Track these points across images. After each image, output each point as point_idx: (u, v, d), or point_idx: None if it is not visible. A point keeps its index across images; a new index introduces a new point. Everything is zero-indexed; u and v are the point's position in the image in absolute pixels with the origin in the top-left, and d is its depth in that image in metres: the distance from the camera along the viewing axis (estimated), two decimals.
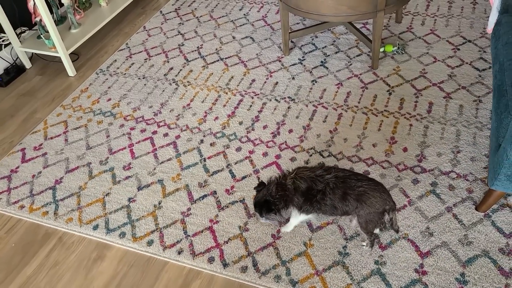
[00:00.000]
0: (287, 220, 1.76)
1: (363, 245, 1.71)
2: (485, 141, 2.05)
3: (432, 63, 2.55)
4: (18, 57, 2.95)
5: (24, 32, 2.98)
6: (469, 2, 3.01)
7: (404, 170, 1.98)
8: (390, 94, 2.38)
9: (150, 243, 1.82)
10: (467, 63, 2.51)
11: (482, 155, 1.99)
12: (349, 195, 1.56)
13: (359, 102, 2.35)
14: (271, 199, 1.60)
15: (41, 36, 2.80)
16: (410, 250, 1.69)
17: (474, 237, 1.70)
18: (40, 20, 2.77)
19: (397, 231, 1.70)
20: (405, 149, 2.07)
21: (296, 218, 1.71)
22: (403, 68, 2.54)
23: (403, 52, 2.64)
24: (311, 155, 2.10)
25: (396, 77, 2.49)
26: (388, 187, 1.91)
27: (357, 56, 2.67)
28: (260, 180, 1.71)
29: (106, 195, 2.03)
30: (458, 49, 2.61)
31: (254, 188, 1.71)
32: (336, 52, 2.72)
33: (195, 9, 3.33)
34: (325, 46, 2.78)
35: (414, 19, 2.91)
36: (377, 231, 1.74)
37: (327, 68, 2.61)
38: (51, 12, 3.01)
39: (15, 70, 2.91)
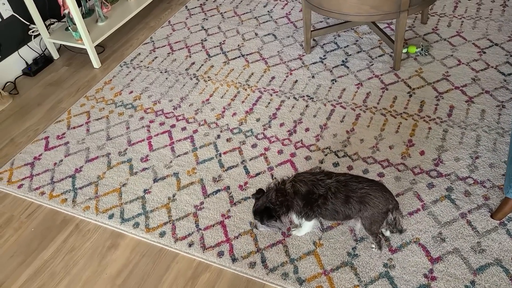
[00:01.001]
0: (290, 226, 1.77)
1: (373, 248, 1.70)
2: (506, 148, 2.01)
3: (456, 65, 2.49)
4: (46, 48, 3.04)
5: (53, 24, 3.07)
6: (498, 4, 2.93)
7: (419, 174, 1.95)
8: (410, 96, 2.35)
9: (162, 234, 1.85)
10: (492, 67, 2.45)
11: (502, 162, 1.95)
12: (351, 198, 1.55)
13: (378, 103, 2.33)
14: (271, 206, 1.59)
15: (69, 28, 2.88)
16: (420, 254, 1.67)
17: (488, 245, 1.67)
18: (69, 12, 2.85)
19: (400, 231, 1.68)
20: (422, 153, 2.04)
21: (309, 224, 1.71)
22: (425, 70, 2.50)
23: (426, 53, 2.59)
24: (326, 155, 2.09)
25: (418, 79, 2.45)
26: (402, 190, 1.89)
27: (379, 56, 2.64)
28: (258, 188, 1.70)
29: (123, 186, 2.08)
30: (484, 52, 2.55)
31: (252, 196, 1.69)
32: (358, 52, 2.69)
33: (220, 4, 3.35)
34: (347, 46, 2.76)
35: (440, 20, 2.86)
36: (387, 233, 1.73)
37: (348, 67, 2.59)
38: (79, 5, 3.08)
39: (43, 61, 3.00)
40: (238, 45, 2.89)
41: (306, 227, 1.74)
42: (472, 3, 2.98)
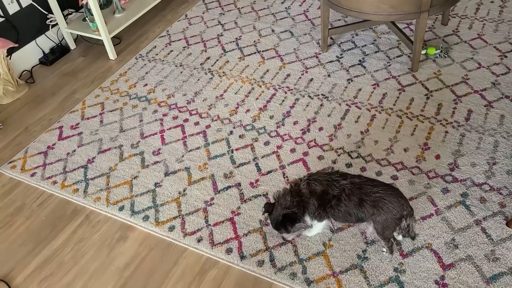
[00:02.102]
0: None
1: (383, 251, 1.68)
2: None
3: (476, 69, 2.44)
4: (63, 38, 3.06)
5: (71, 14, 3.08)
6: None
7: (434, 178, 1.92)
8: (427, 98, 2.31)
9: (171, 228, 1.85)
10: None
11: None
12: (365, 201, 1.53)
13: (394, 105, 2.29)
14: (288, 211, 1.57)
15: (86, 19, 2.89)
16: (432, 260, 1.64)
17: (502, 253, 1.63)
18: (87, 3, 2.85)
19: (413, 238, 1.65)
20: (437, 157, 2.00)
21: (320, 225, 1.69)
22: (444, 73, 2.45)
23: (446, 55, 2.54)
24: (339, 155, 2.07)
25: (436, 81, 2.40)
26: (416, 194, 1.86)
27: (397, 57, 2.59)
28: (265, 203, 1.68)
29: (134, 178, 2.08)
30: (506, 56, 2.49)
31: (264, 212, 1.68)
32: (376, 52, 2.65)
33: (237, 0, 3.33)
34: (365, 45, 2.72)
35: (461, 22, 2.80)
36: (399, 237, 1.70)
37: (364, 67, 2.55)
38: None
39: (60, 50, 3.01)
40: (254, 41, 2.87)
41: (317, 228, 1.72)
42: (494, 5, 2.92)
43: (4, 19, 2.70)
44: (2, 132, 2.46)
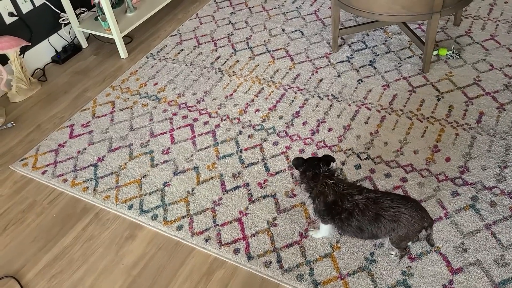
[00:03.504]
0: (308, 227, 1.76)
1: (391, 254, 1.67)
2: None
3: (488, 70, 2.41)
4: (76, 37, 3.08)
5: (83, 13, 3.10)
6: None
7: (444, 181, 1.90)
8: (438, 100, 2.29)
9: (179, 228, 1.86)
10: None
11: None
12: (383, 217, 1.49)
13: (404, 106, 2.28)
14: (306, 167, 1.57)
15: (98, 17, 2.91)
16: (440, 264, 1.63)
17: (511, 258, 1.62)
18: (99, 2, 2.87)
19: (432, 245, 1.63)
20: (448, 159, 1.99)
21: (325, 228, 1.69)
22: (455, 74, 2.42)
23: (457, 57, 2.52)
24: (348, 156, 2.06)
25: (447, 82, 2.38)
26: (425, 197, 1.84)
27: (408, 57, 2.57)
28: (297, 157, 1.64)
29: (143, 177, 2.09)
30: None
31: (294, 164, 1.63)
32: (387, 52, 2.64)
33: None
34: (376, 45, 2.70)
35: (474, 23, 2.77)
36: (409, 243, 1.69)
37: (375, 68, 2.54)
38: None
39: (72, 49, 3.04)
40: (265, 41, 2.87)
41: (323, 230, 1.71)
42: (508, 5, 2.88)
43: (17, 18, 2.73)
44: (15, 129, 2.49)
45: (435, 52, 2.54)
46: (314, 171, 1.56)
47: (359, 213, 1.51)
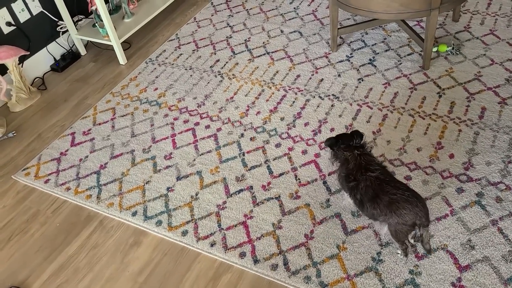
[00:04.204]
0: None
1: (398, 253, 1.66)
2: None
3: (489, 65, 2.41)
4: (74, 44, 3.08)
5: (80, 20, 3.10)
6: None
7: (448, 178, 1.89)
8: (440, 96, 2.28)
9: (184, 233, 1.85)
10: None
11: None
12: (379, 199, 1.53)
13: (406, 104, 2.27)
14: (340, 143, 1.69)
15: (96, 24, 2.90)
16: (448, 262, 1.62)
17: None
18: (96, 9, 2.87)
19: (428, 251, 1.60)
20: (451, 156, 1.98)
21: (346, 196, 1.76)
22: (456, 70, 2.42)
23: (457, 52, 2.51)
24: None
25: (448, 79, 2.37)
26: (430, 195, 1.83)
27: (408, 55, 2.57)
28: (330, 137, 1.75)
29: (146, 183, 2.09)
30: None
31: (327, 142, 1.75)
32: (386, 50, 2.63)
33: (246, 1, 3.33)
34: (375, 44, 2.69)
35: (472, 18, 2.76)
36: (412, 241, 1.67)
37: (375, 66, 2.53)
38: (106, 1, 3.10)
39: (71, 56, 3.04)
40: (263, 43, 2.86)
41: (345, 198, 1.80)
42: (506, 0, 2.87)
43: (15, 27, 2.73)
44: (16, 139, 2.48)
45: (434, 49, 2.53)
46: (348, 143, 1.68)
47: (363, 188, 1.58)
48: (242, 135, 2.25)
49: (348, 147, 1.67)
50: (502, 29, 2.63)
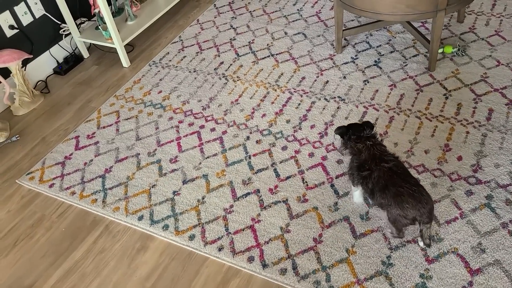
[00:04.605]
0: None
1: (389, 231, 1.70)
2: None
3: (495, 66, 2.39)
4: (77, 47, 3.07)
5: (83, 23, 3.09)
6: None
7: (457, 180, 1.88)
8: (446, 98, 2.27)
9: (191, 237, 1.84)
10: None
11: None
12: (388, 190, 1.57)
13: (412, 105, 2.26)
14: (351, 133, 1.73)
15: (99, 27, 2.89)
16: (459, 265, 1.60)
17: None
18: (99, 11, 2.86)
19: (427, 245, 1.64)
20: (459, 158, 1.97)
21: (355, 190, 1.80)
22: (462, 71, 2.40)
23: (463, 54, 2.50)
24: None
25: (454, 80, 2.36)
26: (439, 197, 1.82)
27: (414, 56, 2.55)
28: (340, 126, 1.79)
29: (152, 187, 2.07)
30: None
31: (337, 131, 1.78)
32: (391, 52, 2.62)
33: (249, 3, 3.31)
34: (380, 45, 2.68)
35: (477, 19, 2.75)
36: (421, 244, 1.66)
37: (380, 68, 2.52)
38: (109, 4, 3.09)
39: (74, 59, 3.02)
40: (267, 45, 2.85)
41: (355, 194, 1.82)
42: (511, 1, 2.86)
43: (18, 30, 2.71)
44: (20, 143, 2.47)
45: (440, 50, 2.52)
46: (358, 134, 1.70)
47: (376, 177, 1.61)
48: (248, 138, 2.23)
49: (359, 137, 1.70)
50: (508, 30, 2.62)
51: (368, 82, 2.44)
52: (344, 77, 2.50)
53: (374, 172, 1.62)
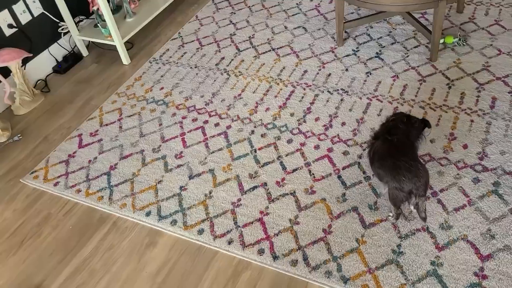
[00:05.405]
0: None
1: (390, 215, 1.73)
2: None
3: (496, 55, 2.40)
4: (76, 45, 3.05)
5: (82, 21, 3.07)
6: None
7: (463, 168, 1.89)
8: (449, 88, 2.28)
9: (200, 232, 1.83)
10: None
11: None
12: (385, 161, 1.64)
13: (416, 96, 2.26)
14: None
15: (98, 25, 2.87)
16: (469, 252, 1.61)
17: None
18: (98, 9, 2.84)
19: (423, 219, 1.67)
20: (465, 146, 1.97)
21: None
22: (464, 61, 2.41)
23: (464, 43, 2.51)
24: (364, 150, 2.04)
25: (457, 70, 2.37)
26: (446, 186, 1.83)
27: (415, 47, 2.56)
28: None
29: (159, 183, 2.06)
30: None
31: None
32: (392, 43, 2.62)
33: None
34: (381, 37, 2.68)
35: (477, 9, 2.76)
36: (411, 208, 1.69)
37: (382, 59, 2.52)
38: (108, 1, 3.07)
39: (73, 58, 3.00)
40: (268, 39, 2.85)
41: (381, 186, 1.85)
42: None
43: (17, 29, 2.69)
44: (22, 142, 2.45)
45: (441, 41, 2.52)
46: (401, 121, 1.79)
47: (377, 147, 1.71)
48: (252, 132, 2.23)
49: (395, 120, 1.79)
50: (507, 19, 2.63)
51: (370, 74, 2.44)
52: (347, 70, 2.50)
53: (377, 141, 1.71)
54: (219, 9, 3.25)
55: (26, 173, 2.25)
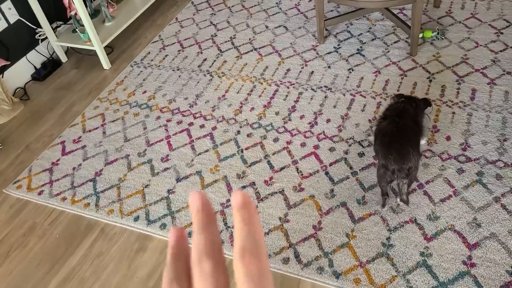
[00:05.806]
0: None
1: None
2: None
3: (474, 48, 2.45)
4: (54, 51, 3.00)
5: (59, 26, 3.03)
6: None
7: (448, 160, 1.92)
8: (430, 81, 2.31)
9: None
10: (511, 47, 2.41)
11: None
12: (384, 139, 1.71)
13: (398, 90, 2.29)
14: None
15: (76, 30, 2.83)
16: (457, 241, 1.64)
17: None
18: (75, 14, 2.80)
19: (405, 202, 1.73)
20: (448, 138, 2.01)
21: None
22: (443, 54, 2.45)
23: (442, 37, 2.55)
24: (350, 145, 2.06)
25: (436, 63, 2.41)
26: (432, 177, 1.86)
27: (395, 43, 2.59)
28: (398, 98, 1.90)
29: (146, 187, 2.04)
30: (502, 33, 2.51)
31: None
32: (373, 39, 2.65)
33: None
34: (361, 34, 2.71)
35: (453, 3, 2.81)
36: (398, 200, 1.75)
37: (363, 56, 2.55)
38: (85, 5, 3.03)
39: (52, 64, 2.95)
40: (250, 39, 2.85)
41: None
42: None
43: None
44: (3, 152, 2.40)
45: (420, 35, 2.56)
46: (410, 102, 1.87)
47: (383, 125, 1.78)
48: (238, 132, 2.23)
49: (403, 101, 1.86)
50: (483, 12, 2.69)
51: (352, 70, 2.47)
52: (329, 67, 2.52)
53: (384, 121, 1.78)
54: (199, 10, 3.24)
55: (9, 183, 2.20)
